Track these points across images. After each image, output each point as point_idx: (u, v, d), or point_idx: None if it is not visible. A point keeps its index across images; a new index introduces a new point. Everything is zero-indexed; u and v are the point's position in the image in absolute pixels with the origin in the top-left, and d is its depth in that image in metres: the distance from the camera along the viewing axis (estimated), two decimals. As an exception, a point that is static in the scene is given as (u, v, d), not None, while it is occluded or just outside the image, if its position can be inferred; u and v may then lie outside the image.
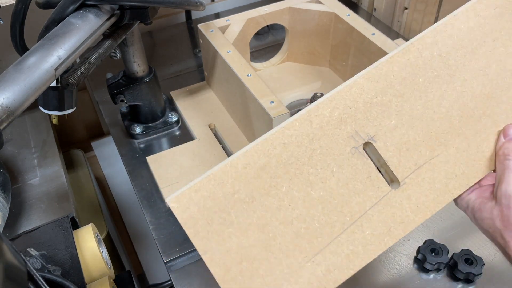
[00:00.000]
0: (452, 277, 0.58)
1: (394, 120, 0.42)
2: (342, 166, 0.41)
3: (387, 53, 0.70)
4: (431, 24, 0.46)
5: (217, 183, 0.39)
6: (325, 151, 0.41)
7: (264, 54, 0.96)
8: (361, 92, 0.42)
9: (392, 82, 0.43)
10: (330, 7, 0.82)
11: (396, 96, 0.43)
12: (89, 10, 0.53)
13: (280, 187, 0.40)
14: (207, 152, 0.73)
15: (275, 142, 0.40)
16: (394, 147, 0.42)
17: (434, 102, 0.43)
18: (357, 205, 0.40)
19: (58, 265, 0.50)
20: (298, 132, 0.41)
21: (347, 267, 0.40)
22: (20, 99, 0.42)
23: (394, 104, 0.43)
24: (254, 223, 0.39)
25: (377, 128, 0.42)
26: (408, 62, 0.44)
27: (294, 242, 0.39)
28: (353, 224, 0.40)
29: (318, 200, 0.40)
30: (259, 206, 0.39)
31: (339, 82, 0.86)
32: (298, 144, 0.41)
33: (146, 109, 0.77)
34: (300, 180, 0.40)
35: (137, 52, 0.70)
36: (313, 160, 0.41)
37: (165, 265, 0.61)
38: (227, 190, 0.39)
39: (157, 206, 0.67)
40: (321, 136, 0.41)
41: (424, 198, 0.41)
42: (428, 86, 0.44)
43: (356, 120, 0.42)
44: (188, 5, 0.61)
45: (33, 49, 0.46)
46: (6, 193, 0.63)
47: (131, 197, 1.03)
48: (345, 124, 0.42)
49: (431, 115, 0.43)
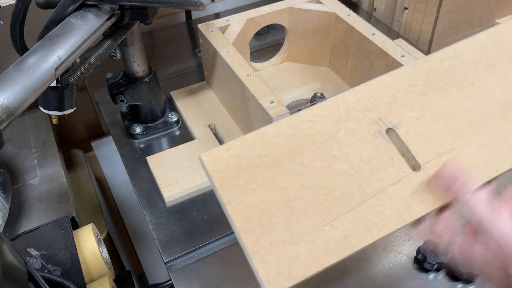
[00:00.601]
0: (452, 277, 0.58)
1: (416, 113, 0.44)
2: (365, 146, 0.43)
3: (387, 53, 0.71)
4: (431, 24, 0.47)
5: (247, 145, 0.42)
6: (349, 131, 0.43)
7: (264, 54, 0.96)
8: (386, 87, 0.45)
9: (415, 82, 0.46)
10: (330, 7, 0.82)
11: (419, 94, 0.45)
12: (89, 10, 0.53)
13: (305, 156, 0.42)
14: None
15: (304, 118, 0.43)
16: (416, 136, 0.43)
17: (455, 103, 0.45)
18: (378, 181, 0.42)
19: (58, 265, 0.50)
20: (326, 113, 0.44)
21: (365, 235, 0.40)
22: (20, 99, 0.42)
23: (417, 101, 0.45)
24: (277, 184, 0.41)
25: (400, 118, 0.44)
26: (431, 68, 0.46)
27: (314, 206, 0.41)
28: (373, 197, 0.41)
29: (340, 172, 0.42)
30: (284, 169, 0.41)
31: (339, 82, 0.86)
32: (324, 123, 0.43)
33: (146, 109, 0.77)
34: (324, 153, 0.42)
35: (137, 52, 0.70)
36: (337, 138, 0.43)
37: (165, 265, 0.61)
38: (255, 152, 0.42)
39: (157, 206, 0.67)
40: (346, 118, 0.44)
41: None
42: (449, 89, 0.46)
43: (380, 109, 0.44)
44: (188, 5, 0.61)
45: (33, 49, 0.46)
46: (6, 193, 0.63)
47: (131, 197, 1.03)
48: (370, 111, 0.44)
49: (452, 113, 0.45)
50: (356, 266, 0.60)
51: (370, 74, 0.77)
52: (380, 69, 0.74)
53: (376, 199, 0.41)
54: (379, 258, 0.60)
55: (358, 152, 0.42)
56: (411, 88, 0.45)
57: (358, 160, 0.42)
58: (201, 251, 0.63)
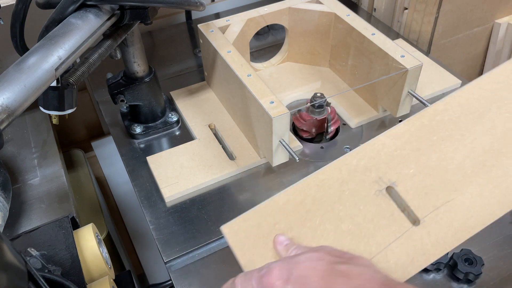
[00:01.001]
0: (452, 277, 0.58)
1: (412, 169, 0.48)
2: (368, 205, 0.47)
3: (387, 53, 0.71)
4: (431, 24, 0.47)
5: (262, 215, 0.47)
6: (353, 192, 0.47)
7: (264, 54, 0.96)
8: (383, 147, 0.49)
9: (409, 139, 0.49)
10: (330, 7, 0.82)
11: (414, 150, 0.49)
12: (89, 10, 0.53)
13: (314, 220, 0.46)
14: (207, 152, 0.73)
15: (310, 184, 0.48)
16: (413, 191, 0.47)
17: (448, 155, 0.48)
18: (382, 237, 0.45)
19: (58, 265, 0.50)
20: (330, 177, 0.48)
21: None
22: (20, 99, 0.42)
23: (412, 156, 0.48)
24: None
25: (398, 175, 0.48)
26: (423, 124, 0.50)
27: None
28: (379, 254, 0.45)
29: (347, 232, 0.46)
30: (296, 235, 0.46)
31: (339, 82, 0.86)
32: (329, 186, 0.48)
33: (146, 109, 0.77)
34: (332, 215, 0.47)
35: (137, 52, 0.70)
36: (342, 200, 0.47)
37: (165, 265, 0.61)
38: (270, 221, 0.47)
39: (157, 206, 0.67)
40: (349, 180, 0.48)
41: (443, 234, 0.45)
42: (442, 143, 0.49)
43: (379, 168, 0.48)
44: (188, 5, 0.61)
45: (33, 49, 0.46)
46: (6, 193, 0.63)
47: (131, 197, 1.03)
48: (370, 171, 0.48)
49: (445, 166, 0.48)
50: (356, 266, 0.60)
51: (370, 74, 0.77)
52: (380, 69, 0.74)
53: (382, 255, 0.44)
54: (379, 258, 0.60)
55: (362, 211, 0.46)
56: (406, 145, 0.49)
57: (363, 220, 0.46)
58: (201, 251, 0.63)
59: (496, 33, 1.05)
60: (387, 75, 0.73)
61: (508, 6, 1.03)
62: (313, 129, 0.75)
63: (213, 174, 0.70)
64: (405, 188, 0.47)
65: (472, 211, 0.46)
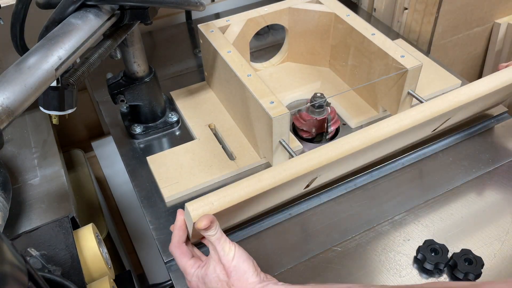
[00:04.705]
0: (452, 277, 0.58)
1: None
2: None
3: (387, 53, 0.71)
4: (431, 24, 0.47)
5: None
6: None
7: (264, 54, 0.96)
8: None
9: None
10: (330, 7, 0.82)
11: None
12: (90, 10, 0.53)
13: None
14: (207, 152, 0.73)
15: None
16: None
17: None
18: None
19: (59, 265, 0.50)
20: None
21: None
22: (20, 99, 0.42)
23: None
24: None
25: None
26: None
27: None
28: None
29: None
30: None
31: (339, 82, 0.87)
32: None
33: (146, 109, 0.77)
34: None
35: (137, 52, 0.70)
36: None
37: (165, 265, 0.61)
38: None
39: (157, 206, 0.67)
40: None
41: None
42: None
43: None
44: (188, 5, 0.61)
45: (33, 49, 0.46)
46: (6, 193, 0.63)
47: (131, 197, 1.03)
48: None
49: None
50: (356, 266, 0.60)
51: (370, 74, 0.77)
52: (380, 69, 0.74)
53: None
54: (379, 258, 0.60)
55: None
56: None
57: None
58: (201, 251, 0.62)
59: (496, 33, 1.05)
60: (387, 75, 0.73)
61: (508, 6, 1.03)
62: (313, 129, 0.75)
63: (213, 174, 0.70)
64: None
65: None
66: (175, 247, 0.55)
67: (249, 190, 0.52)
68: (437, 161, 0.73)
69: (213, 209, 0.50)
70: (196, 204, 0.51)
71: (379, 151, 0.66)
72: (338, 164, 0.59)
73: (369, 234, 0.63)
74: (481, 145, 0.75)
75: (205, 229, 0.49)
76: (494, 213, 0.65)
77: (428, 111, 0.61)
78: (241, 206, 0.54)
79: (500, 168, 0.71)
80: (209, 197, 0.51)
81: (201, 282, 0.52)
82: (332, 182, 0.69)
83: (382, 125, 0.59)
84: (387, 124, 0.60)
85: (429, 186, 0.69)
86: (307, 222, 0.65)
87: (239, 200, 0.52)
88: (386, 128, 0.59)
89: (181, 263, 0.55)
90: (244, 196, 0.52)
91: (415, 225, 0.64)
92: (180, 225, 0.55)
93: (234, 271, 0.50)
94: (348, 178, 0.70)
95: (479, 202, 0.66)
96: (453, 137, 0.76)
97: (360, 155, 0.61)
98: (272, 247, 0.62)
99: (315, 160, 0.56)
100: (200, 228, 0.49)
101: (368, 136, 0.58)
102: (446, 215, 0.65)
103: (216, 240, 0.50)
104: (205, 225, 0.49)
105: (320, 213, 0.66)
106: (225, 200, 0.51)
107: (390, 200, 0.67)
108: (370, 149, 0.60)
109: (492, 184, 0.69)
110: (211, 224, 0.49)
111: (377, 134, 0.59)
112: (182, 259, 0.54)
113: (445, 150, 0.74)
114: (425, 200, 0.67)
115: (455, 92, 0.63)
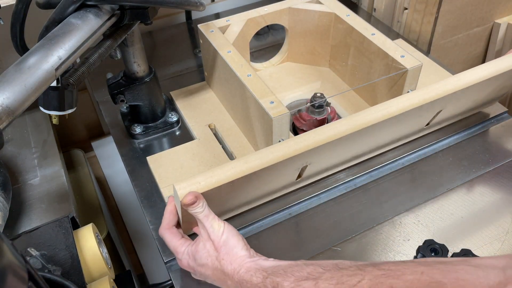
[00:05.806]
0: (452, 277, 0.58)
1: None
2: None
3: (387, 53, 0.71)
4: (431, 24, 0.47)
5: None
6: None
7: (264, 54, 0.96)
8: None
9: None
10: (330, 7, 0.82)
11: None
12: (90, 10, 0.53)
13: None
14: (207, 152, 0.73)
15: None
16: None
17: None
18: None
19: (59, 265, 0.50)
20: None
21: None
22: (20, 99, 0.42)
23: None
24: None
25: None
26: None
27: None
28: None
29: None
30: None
31: (339, 82, 0.87)
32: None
33: (146, 109, 0.77)
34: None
35: (137, 52, 0.70)
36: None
37: (165, 265, 0.61)
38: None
39: (157, 206, 0.67)
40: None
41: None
42: None
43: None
44: (188, 5, 0.61)
45: (33, 49, 0.46)
46: (6, 193, 0.63)
47: (131, 197, 1.03)
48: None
49: None
50: (356, 266, 0.60)
51: (370, 74, 0.77)
52: (380, 69, 0.74)
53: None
54: (379, 258, 0.60)
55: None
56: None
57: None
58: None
59: (496, 33, 1.05)
60: (387, 75, 0.73)
61: (508, 6, 1.03)
62: (313, 129, 0.75)
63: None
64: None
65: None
66: (165, 229, 0.56)
67: (235, 171, 0.53)
68: (437, 161, 0.73)
69: (200, 188, 0.51)
70: (184, 183, 0.51)
71: (370, 140, 0.66)
72: (327, 150, 0.59)
73: (369, 234, 0.63)
74: (481, 145, 0.75)
75: (191, 204, 0.50)
76: (494, 213, 0.65)
77: (416, 98, 0.61)
78: (230, 190, 0.55)
79: (500, 168, 0.71)
80: (196, 177, 0.52)
81: (192, 259, 0.53)
82: (332, 182, 0.69)
83: (370, 111, 0.60)
84: (375, 110, 0.60)
85: (429, 186, 0.69)
86: (307, 222, 0.65)
87: (226, 181, 0.52)
88: (374, 114, 0.59)
89: (171, 243, 0.55)
90: (231, 176, 0.52)
91: (415, 225, 0.64)
92: (170, 209, 0.56)
93: (224, 245, 0.50)
94: (348, 178, 0.70)
95: (479, 202, 0.66)
96: (453, 137, 0.76)
97: (350, 143, 0.62)
98: (272, 247, 0.62)
99: (302, 143, 0.56)
100: (186, 204, 0.50)
101: (355, 122, 0.59)
102: (446, 215, 0.65)
103: (204, 217, 0.51)
104: (190, 199, 0.49)
105: (320, 213, 0.66)
106: (212, 180, 0.52)
107: (390, 200, 0.67)
108: (359, 137, 0.60)
109: (492, 184, 0.69)
110: (196, 199, 0.50)
111: (364, 120, 0.59)
112: (172, 239, 0.55)
113: (445, 150, 0.74)
114: (425, 200, 0.67)
115: (444, 81, 0.64)
